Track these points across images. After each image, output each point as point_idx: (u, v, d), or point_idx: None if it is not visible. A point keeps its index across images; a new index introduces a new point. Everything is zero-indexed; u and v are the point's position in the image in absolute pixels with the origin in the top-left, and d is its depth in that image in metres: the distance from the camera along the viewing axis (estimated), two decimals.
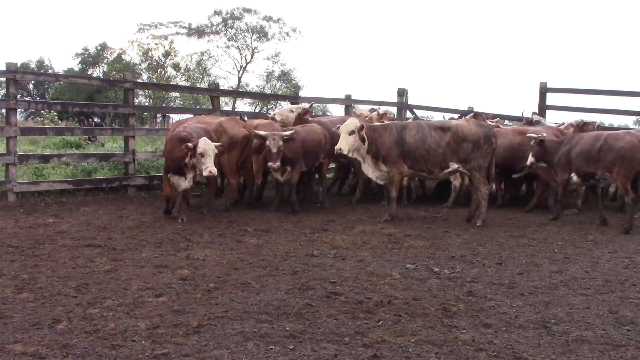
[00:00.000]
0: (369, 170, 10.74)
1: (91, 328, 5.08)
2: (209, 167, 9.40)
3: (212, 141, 9.75)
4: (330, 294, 6.17)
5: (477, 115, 14.03)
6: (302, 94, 33.50)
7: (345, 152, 10.34)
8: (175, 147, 9.73)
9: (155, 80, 37.16)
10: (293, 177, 10.98)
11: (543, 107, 17.46)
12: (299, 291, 6.26)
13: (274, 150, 10.29)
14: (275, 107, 37.39)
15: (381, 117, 14.03)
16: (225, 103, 32.59)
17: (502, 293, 6.42)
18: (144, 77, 39.11)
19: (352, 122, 10.44)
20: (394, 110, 20.10)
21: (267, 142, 10.36)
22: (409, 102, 18.92)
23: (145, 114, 26.89)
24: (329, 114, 31.78)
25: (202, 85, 35.93)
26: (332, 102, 19.60)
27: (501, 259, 7.98)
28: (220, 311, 5.55)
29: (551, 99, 17.85)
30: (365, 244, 8.65)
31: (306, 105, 13.61)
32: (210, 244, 8.41)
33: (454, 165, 10.45)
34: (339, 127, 10.58)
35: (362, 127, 10.37)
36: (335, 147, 10.40)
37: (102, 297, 5.90)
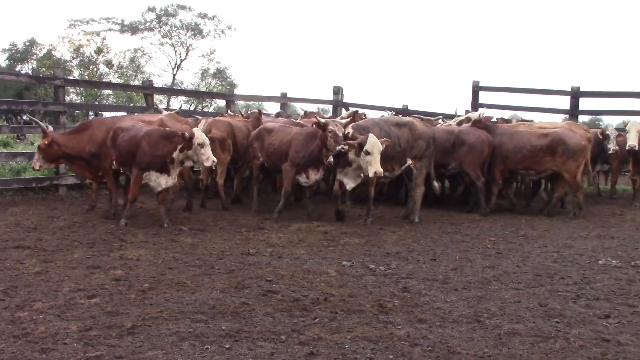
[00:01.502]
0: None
1: (20, 332, 4.94)
2: (211, 157, 9.20)
3: None
4: (267, 292, 6.15)
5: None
6: (237, 91, 33.35)
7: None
8: (159, 143, 9.32)
9: (87, 77, 36.33)
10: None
11: (476, 106, 17.79)
12: (234, 290, 6.22)
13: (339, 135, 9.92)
14: (210, 105, 37.10)
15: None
16: (160, 101, 32.14)
17: (437, 288, 6.51)
18: (75, 74, 38.12)
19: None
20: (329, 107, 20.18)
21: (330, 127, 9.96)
22: (345, 100, 19.01)
23: (77, 111, 26.31)
24: (264, 112, 31.62)
25: (136, 83, 35.28)
26: (268, 100, 19.58)
27: (435, 255, 8.10)
28: (155, 311, 5.47)
29: (484, 97, 18.24)
30: (301, 242, 8.66)
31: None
32: (145, 243, 8.29)
33: (409, 162, 10.55)
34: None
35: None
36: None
37: (32, 300, 5.74)
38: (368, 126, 10.31)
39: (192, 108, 33.77)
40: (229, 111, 16.14)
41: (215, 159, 9.30)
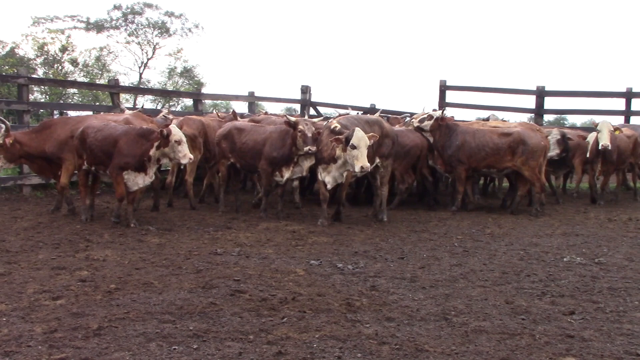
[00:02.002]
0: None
1: None
2: (188, 154, 9.09)
3: None
4: (234, 292, 6.12)
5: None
6: (205, 90, 33.10)
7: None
8: (137, 141, 9.17)
9: (51, 75, 35.81)
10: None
11: (443, 105, 17.95)
12: (202, 290, 6.18)
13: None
14: (178, 104, 36.83)
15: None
16: (126, 100, 31.83)
17: (405, 287, 6.54)
18: (40, 72, 37.57)
19: None
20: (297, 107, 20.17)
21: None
22: (312, 99, 19.02)
23: (42, 110, 25.94)
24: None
25: (102, 82, 34.92)
26: (236, 99, 19.52)
27: (403, 253, 8.13)
28: (122, 312, 5.42)
29: (450, 96, 18.41)
30: (269, 241, 8.64)
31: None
32: (111, 244, 8.20)
33: (377, 160, 10.58)
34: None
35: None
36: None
37: None
38: (347, 125, 10.34)
39: (159, 107, 33.46)
40: (214, 111, 16.01)
41: (192, 156, 9.24)
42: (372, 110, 17.85)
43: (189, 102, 25.38)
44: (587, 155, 13.07)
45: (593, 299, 6.22)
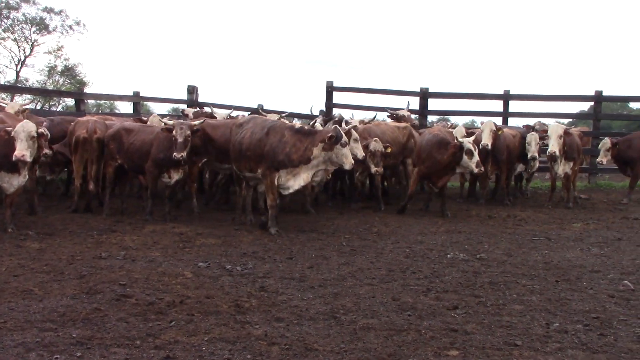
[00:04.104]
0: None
1: None
2: (16, 151, 8.49)
3: None
4: (120, 296, 5.96)
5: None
6: (87, 90, 32.11)
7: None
8: (7, 141, 8.62)
9: None
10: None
11: (330, 105, 18.16)
12: (86, 296, 5.98)
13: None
14: (59, 104, 35.51)
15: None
16: (2, 99, 30.47)
17: (294, 287, 6.56)
18: None
19: None
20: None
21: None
22: (200, 100, 18.78)
23: None
24: (116, 111, 30.65)
25: None
26: (120, 99, 19.03)
27: (292, 253, 8.16)
28: None
29: (337, 97, 18.62)
30: (156, 244, 8.47)
31: None
32: None
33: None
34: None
35: None
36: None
37: None
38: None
39: (38, 107, 32.14)
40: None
41: (20, 154, 8.51)
42: (259, 110, 17.79)
43: (70, 102, 24.56)
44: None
45: (475, 294, 6.46)
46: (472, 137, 11.60)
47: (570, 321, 5.64)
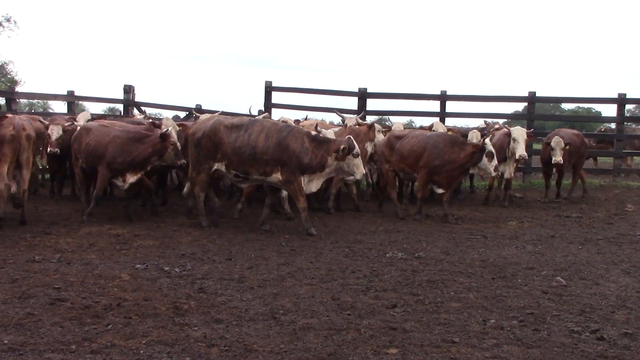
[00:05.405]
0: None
1: None
2: None
3: None
4: (55, 300, 5.83)
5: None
6: (19, 89, 31.25)
7: None
8: None
9: None
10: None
11: (269, 105, 18.13)
12: (18, 300, 5.83)
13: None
14: None
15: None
16: None
17: (233, 288, 6.53)
18: None
19: None
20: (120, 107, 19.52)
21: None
22: (136, 99, 18.51)
23: None
24: (50, 110, 29.93)
25: None
26: (54, 98, 18.60)
27: (231, 254, 8.11)
28: None
29: (276, 97, 18.61)
30: (92, 246, 8.30)
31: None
32: None
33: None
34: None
35: None
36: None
37: None
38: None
39: None
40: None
41: None
42: (198, 110, 17.63)
43: (1, 100, 23.87)
44: None
45: (413, 292, 6.54)
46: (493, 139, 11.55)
47: (506, 317, 5.78)
